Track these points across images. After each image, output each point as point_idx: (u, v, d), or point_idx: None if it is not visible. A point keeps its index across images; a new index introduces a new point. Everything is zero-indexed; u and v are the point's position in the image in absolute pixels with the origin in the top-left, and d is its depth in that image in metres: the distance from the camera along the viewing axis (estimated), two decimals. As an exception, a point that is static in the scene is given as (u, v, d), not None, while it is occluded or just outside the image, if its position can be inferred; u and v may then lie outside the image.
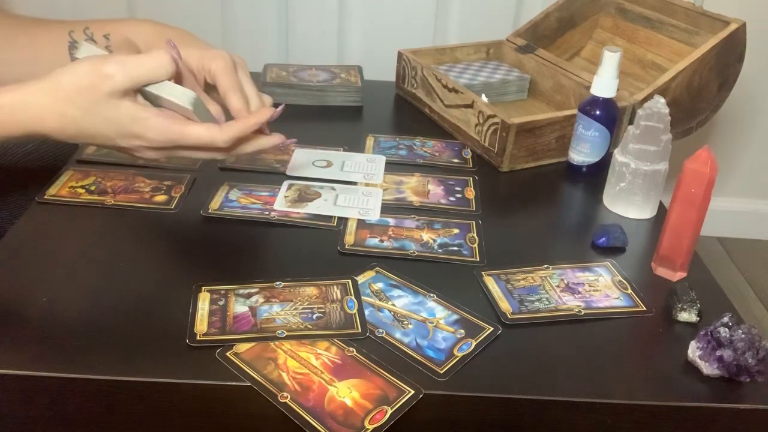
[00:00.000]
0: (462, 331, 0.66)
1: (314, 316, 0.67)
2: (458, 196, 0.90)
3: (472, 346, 0.65)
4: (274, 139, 0.74)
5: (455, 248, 0.79)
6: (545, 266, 0.77)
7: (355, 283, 0.71)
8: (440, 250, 0.78)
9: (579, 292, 0.73)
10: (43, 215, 0.79)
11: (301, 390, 0.59)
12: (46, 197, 0.82)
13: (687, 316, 0.70)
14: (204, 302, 0.67)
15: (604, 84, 0.93)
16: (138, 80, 0.65)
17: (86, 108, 0.64)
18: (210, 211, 0.82)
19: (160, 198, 0.83)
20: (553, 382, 0.62)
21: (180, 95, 0.66)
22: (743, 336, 0.62)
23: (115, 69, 0.63)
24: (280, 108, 0.73)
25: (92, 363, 0.60)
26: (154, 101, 0.68)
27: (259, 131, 0.72)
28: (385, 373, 0.61)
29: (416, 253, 0.77)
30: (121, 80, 0.64)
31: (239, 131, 0.69)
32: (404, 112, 1.15)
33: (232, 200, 0.84)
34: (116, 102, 0.64)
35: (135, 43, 0.78)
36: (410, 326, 0.67)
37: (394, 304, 0.69)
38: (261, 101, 0.74)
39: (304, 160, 0.94)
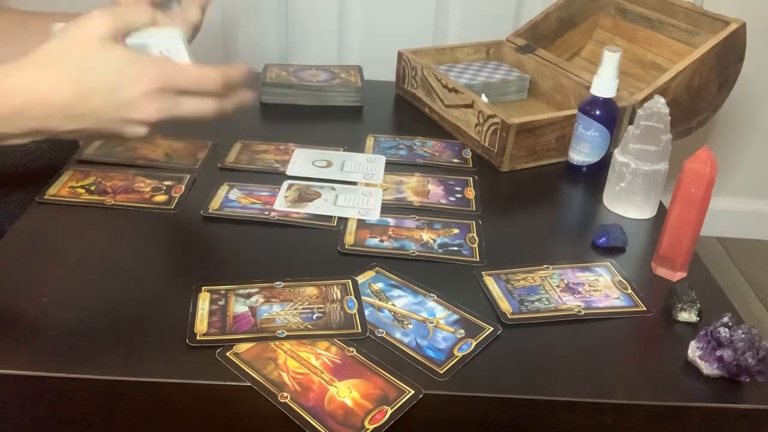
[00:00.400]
0: (462, 331, 0.66)
1: (314, 316, 0.67)
2: (458, 196, 0.90)
3: (472, 346, 0.65)
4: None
5: (455, 248, 0.79)
6: (545, 266, 0.77)
7: (355, 283, 0.71)
8: (440, 250, 0.78)
9: (579, 292, 0.73)
10: (43, 215, 0.79)
11: (301, 390, 0.59)
12: (46, 197, 0.82)
13: (687, 316, 0.70)
14: (204, 302, 0.67)
15: (604, 84, 0.93)
16: (123, 22, 0.65)
17: (82, 59, 0.63)
18: (210, 211, 0.82)
19: (160, 198, 0.83)
20: (553, 382, 0.62)
21: (169, 34, 0.67)
22: (743, 336, 0.62)
23: (99, 15, 0.63)
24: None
25: (92, 363, 0.60)
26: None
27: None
28: (385, 373, 0.61)
29: (416, 253, 0.77)
30: (109, 23, 0.63)
31: (229, 69, 0.68)
32: (404, 112, 1.15)
33: (232, 200, 0.84)
34: (110, 46, 0.63)
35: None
36: (410, 326, 0.67)
37: (394, 304, 0.69)
38: None
39: (304, 160, 0.94)
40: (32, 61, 0.63)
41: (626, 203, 0.87)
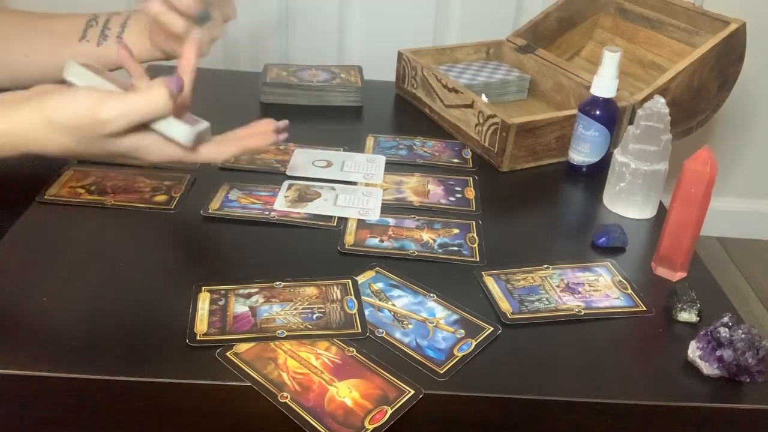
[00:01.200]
0: (462, 331, 0.66)
1: (314, 316, 0.67)
2: (458, 196, 0.90)
3: (472, 346, 0.65)
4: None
5: (455, 248, 0.79)
6: (545, 266, 0.77)
7: (355, 283, 0.71)
8: (440, 250, 0.78)
9: (579, 292, 0.73)
10: (43, 215, 0.79)
11: (301, 390, 0.59)
12: (46, 197, 0.82)
13: (687, 316, 0.70)
14: (204, 302, 0.67)
15: (604, 84, 0.93)
16: (136, 122, 0.65)
17: (86, 144, 0.65)
18: (210, 211, 0.82)
19: (160, 198, 0.83)
20: (553, 382, 0.62)
21: (179, 133, 0.68)
22: (743, 336, 0.62)
23: (112, 115, 0.63)
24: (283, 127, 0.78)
25: (92, 363, 0.60)
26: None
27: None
28: (385, 373, 0.61)
29: (416, 253, 0.77)
30: (120, 125, 0.64)
31: (237, 151, 0.72)
32: (404, 112, 1.15)
33: (232, 200, 0.84)
34: (116, 140, 0.65)
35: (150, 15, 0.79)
36: (410, 326, 0.67)
37: (394, 304, 0.69)
38: None
39: (304, 160, 0.94)
40: (42, 125, 0.64)
41: (626, 203, 0.87)
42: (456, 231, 0.82)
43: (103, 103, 0.63)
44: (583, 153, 0.95)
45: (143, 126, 0.66)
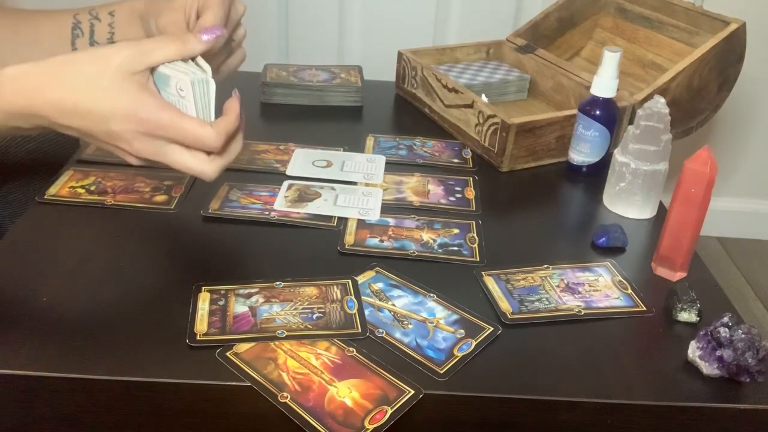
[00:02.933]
0: (462, 331, 0.66)
1: (314, 316, 0.67)
2: (458, 196, 0.90)
3: (472, 346, 0.65)
4: (241, 134, 0.70)
5: (455, 248, 0.79)
6: (545, 266, 0.77)
7: (355, 283, 0.71)
8: (440, 250, 0.78)
9: (579, 292, 0.73)
10: (43, 215, 0.79)
11: (301, 390, 0.59)
12: (46, 197, 0.82)
13: (687, 316, 0.70)
14: (204, 302, 0.67)
15: (604, 84, 0.93)
16: (149, 60, 0.64)
17: (92, 78, 0.63)
18: (210, 211, 0.82)
19: (160, 198, 0.83)
20: (553, 382, 0.62)
21: (192, 72, 0.65)
22: (743, 336, 0.62)
23: (127, 46, 0.63)
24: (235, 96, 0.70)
25: (92, 363, 0.60)
26: (165, 94, 0.66)
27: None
28: (385, 373, 0.61)
29: (416, 253, 0.77)
30: (132, 54, 0.63)
31: (228, 126, 0.66)
32: (404, 112, 1.15)
33: (233, 200, 0.84)
34: (121, 77, 0.63)
35: (137, 10, 0.77)
36: (410, 326, 0.67)
37: (394, 304, 0.69)
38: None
39: (304, 160, 0.94)
40: (49, 64, 0.64)
41: (626, 203, 0.87)
42: (456, 231, 0.82)
43: (122, 43, 0.65)
44: (583, 153, 0.95)
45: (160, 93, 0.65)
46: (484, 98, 1.08)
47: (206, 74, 0.65)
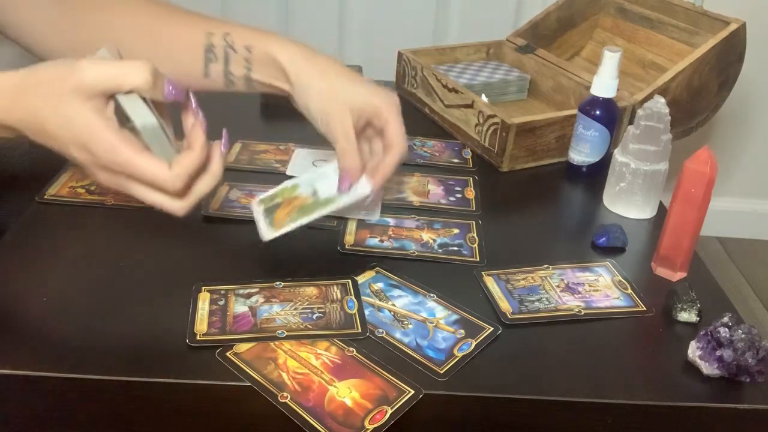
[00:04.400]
0: (462, 331, 0.66)
1: (314, 316, 0.67)
2: (458, 196, 0.90)
3: (472, 346, 0.65)
4: (218, 161, 0.65)
5: (455, 248, 0.79)
6: (545, 266, 0.77)
7: (355, 283, 0.71)
8: (440, 250, 0.78)
9: (579, 292, 0.73)
10: (43, 215, 0.79)
11: (301, 390, 0.59)
12: (46, 197, 0.82)
13: (687, 316, 0.70)
14: (204, 302, 0.67)
15: (604, 84, 0.93)
16: (106, 82, 0.59)
17: (51, 101, 0.59)
18: (210, 211, 0.81)
19: (160, 198, 0.83)
20: (553, 382, 0.62)
21: (137, 113, 0.59)
22: (743, 336, 0.62)
23: (87, 64, 0.59)
24: (225, 138, 0.67)
25: (92, 363, 0.60)
26: (124, 121, 0.61)
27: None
28: (385, 373, 0.61)
29: (416, 253, 0.77)
30: (90, 77, 0.58)
31: (189, 165, 0.62)
32: (404, 112, 1.14)
33: (233, 200, 0.84)
34: (78, 101, 0.58)
35: (279, 62, 0.73)
36: (410, 326, 0.67)
37: (394, 304, 0.69)
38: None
39: (304, 160, 0.94)
40: (21, 76, 0.60)
41: (626, 203, 0.87)
42: (456, 231, 0.82)
43: (85, 58, 0.60)
44: (583, 153, 0.95)
45: (121, 121, 0.60)
46: (484, 98, 1.08)
47: (156, 122, 0.60)
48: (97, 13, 0.77)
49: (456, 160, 0.98)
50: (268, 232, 0.73)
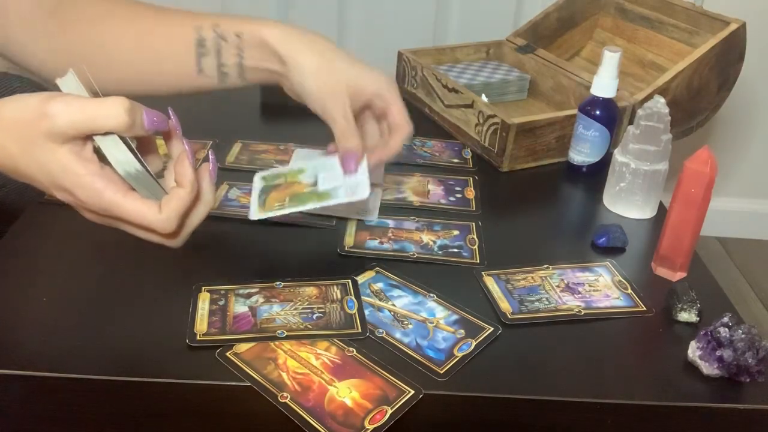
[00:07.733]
0: (462, 331, 0.66)
1: (314, 316, 0.67)
2: (458, 196, 0.90)
3: (472, 346, 0.65)
4: (209, 189, 0.62)
5: (455, 250, 0.79)
6: (545, 266, 0.77)
7: (355, 283, 0.71)
8: (440, 252, 0.78)
9: (579, 292, 0.73)
10: (43, 215, 0.79)
11: (301, 390, 0.59)
12: (46, 197, 0.82)
13: (687, 316, 0.70)
14: (204, 302, 0.67)
15: (604, 84, 0.93)
16: (80, 127, 0.54)
17: (22, 146, 0.55)
18: (210, 210, 0.81)
19: (160, 198, 0.83)
20: (553, 382, 0.62)
21: (117, 158, 0.56)
22: (743, 336, 0.62)
23: (58, 109, 0.53)
24: (212, 162, 0.64)
25: (92, 363, 0.60)
26: (106, 158, 0.57)
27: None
28: (385, 373, 0.61)
29: (416, 255, 0.77)
30: (62, 123, 0.53)
31: (179, 207, 0.58)
32: (404, 112, 1.14)
33: (232, 200, 0.84)
34: (52, 146, 0.54)
35: (269, 44, 0.71)
36: (410, 326, 0.67)
37: (394, 304, 0.69)
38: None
39: (304, 160, 0.94)
40: None
41: (626, 203, 0.87)
42: (456, 233, 0.82)
43: (55, 97, 0.54)
44: (583, 153, 0.95)
45: (100, 158, 0.56)
46: (484, 98, 1.08)
47: (138, 165, 0.57)
48: (93, 25, 0.74)
49: (456, 160, 0.98)
50: (255, 212, 0.73)
